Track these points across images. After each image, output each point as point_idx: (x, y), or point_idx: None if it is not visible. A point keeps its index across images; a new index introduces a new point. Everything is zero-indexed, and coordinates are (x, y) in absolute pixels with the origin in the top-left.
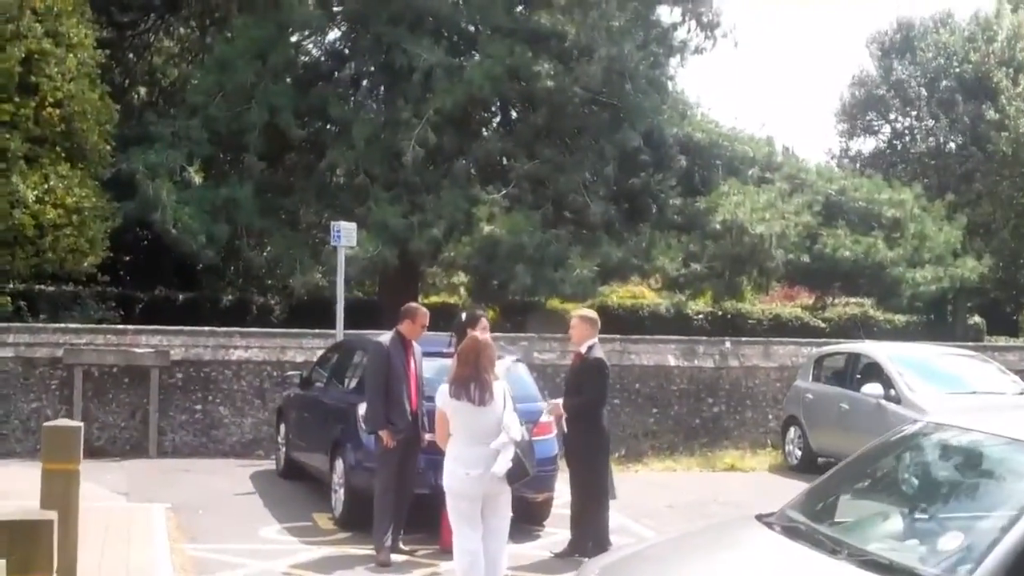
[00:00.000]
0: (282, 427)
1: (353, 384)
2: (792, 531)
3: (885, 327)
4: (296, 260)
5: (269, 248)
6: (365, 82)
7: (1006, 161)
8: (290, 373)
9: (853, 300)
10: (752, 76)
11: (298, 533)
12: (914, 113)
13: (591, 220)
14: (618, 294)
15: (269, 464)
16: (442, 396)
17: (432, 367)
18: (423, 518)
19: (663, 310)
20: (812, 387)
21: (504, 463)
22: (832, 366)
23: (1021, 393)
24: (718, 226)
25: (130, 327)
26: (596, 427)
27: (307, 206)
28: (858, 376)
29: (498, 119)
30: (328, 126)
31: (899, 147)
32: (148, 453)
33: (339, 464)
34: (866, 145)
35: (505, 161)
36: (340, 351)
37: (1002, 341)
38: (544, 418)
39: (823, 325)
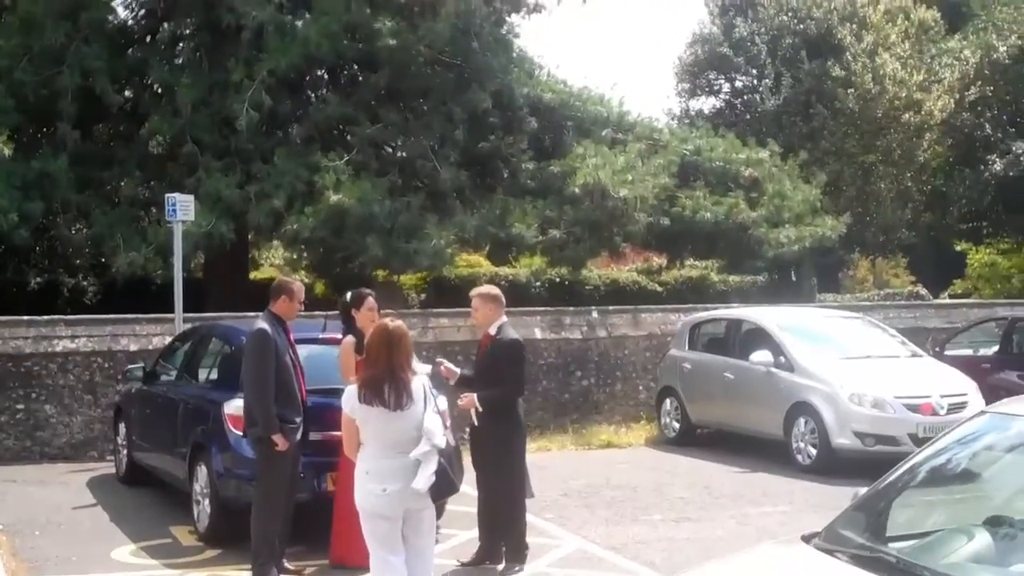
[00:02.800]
0: (121, 427)
1: (214, 376)
2: (869, 562)
3: (721, 289)
4: (120, 238)
5: (87, 225)
6: (182, 44)
7: (853, 119)
8: (131, 367)
9: (689, 263)
10: (598, 35)
11: (158, 553)
12: (755, 71)
13: (441, 187)
14: (454, 264)
15: (107, 468)
16: (350, 400)
17: (302, 355)
18: (303, 528)
19: (504, 280)
20: (690, 356)
21: (426, 477)
22: (710, 333)
23: (913, 355)
24: (577, 190)
25: None
26: (512, 419)
27: (129, 178)
28: (740, 344)
29: (337, 81)
30: (148, 92)
31: (738, 106)
32: None
33: (202, 471)
34: (707, 104)
35: (346, 126)
36: (192, 339)
37: (830, 298)
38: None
39: (660, 289)
